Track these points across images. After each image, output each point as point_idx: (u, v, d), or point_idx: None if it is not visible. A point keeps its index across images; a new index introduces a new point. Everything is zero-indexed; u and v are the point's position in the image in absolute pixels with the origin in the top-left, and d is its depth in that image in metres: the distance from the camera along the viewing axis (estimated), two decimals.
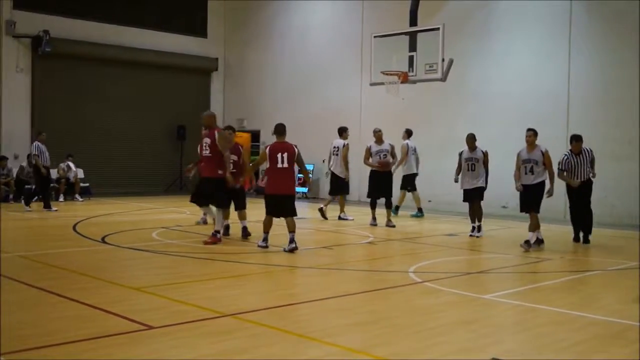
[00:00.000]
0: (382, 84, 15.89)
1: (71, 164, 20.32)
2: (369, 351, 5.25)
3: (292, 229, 10.33)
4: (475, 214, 12.78)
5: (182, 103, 24.99)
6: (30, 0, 21.63)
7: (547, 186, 11.32)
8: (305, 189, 22.31)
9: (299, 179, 17.05)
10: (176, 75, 24.96)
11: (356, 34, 20.95)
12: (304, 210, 18.04)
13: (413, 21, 16.38)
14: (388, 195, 14.36)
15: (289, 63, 23.56)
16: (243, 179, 11.92)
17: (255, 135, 25.48)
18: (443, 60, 14.67)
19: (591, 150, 12.10)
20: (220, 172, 10.92)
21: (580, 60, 16.35)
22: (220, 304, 6.69)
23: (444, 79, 14.87)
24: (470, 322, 6.30)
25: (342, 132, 15.80)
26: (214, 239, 10.90)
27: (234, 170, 11.25)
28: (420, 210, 16.62)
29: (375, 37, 16.32)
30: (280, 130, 10.53)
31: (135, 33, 23.73)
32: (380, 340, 5.60)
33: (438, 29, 14.79)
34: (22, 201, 17.21)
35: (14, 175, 19.55)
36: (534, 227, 11.16)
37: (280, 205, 10.38)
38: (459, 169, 12.98)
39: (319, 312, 6.76)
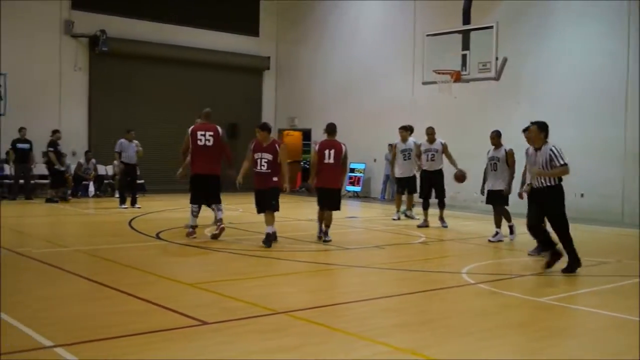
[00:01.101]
0: (435, 82, 15.76)
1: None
2: (419, 352, 5.21)
3: (327, 223, 11.18)
4: (495, 218, 11.98)
5: (235, 101, 25.21)
6: (88, 1, 22.11)
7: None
8: (358, 189, 22.31)
9: (350, 177, 17.05)
10: (228, 74, 25.19)
11: (408, 33, 20.82)
12: (355, 209, 18.04)
13: (466, 19, 16.21)
14: (441, 195, 14.20)
15: (340, 62, 23.56)
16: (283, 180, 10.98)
17: (306, 134, 25.58)
18: (497, 58, 14.47)
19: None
20: (275, 179, 10.64)
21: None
22: (272, 302, 6.73)
23: (497, 77, 14.67)
24: (525, 325, 6.20)
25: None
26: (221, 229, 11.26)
27: (269, 171, 10.63)
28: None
29: (427, 35, 16.20)
30: (330, 129, 11.45)
31: (189, 32, 24.04)
32: (431, 341, 5.56)
33: (492, 27, 14.59)
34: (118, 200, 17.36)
35: (72, 171, 20.01)
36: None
37: (326, 198, 11.21)
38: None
39: (370, 311, 6.74)
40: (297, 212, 16.70)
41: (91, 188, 20.30)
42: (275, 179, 10.60)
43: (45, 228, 13.73)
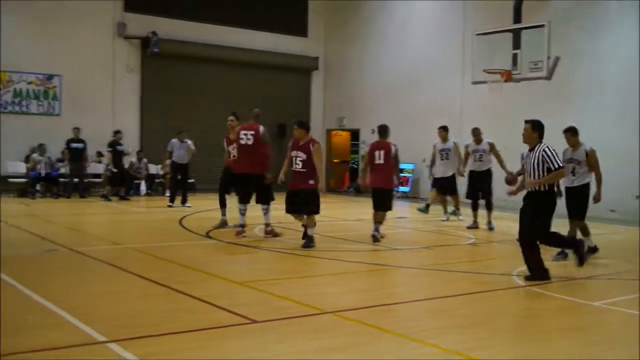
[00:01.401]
0: (485, 82, 15.61)
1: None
2: (468, 354, 5.17)
3: (377, 220, 11.29)
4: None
5: (283, 102, 25.34)
6: (140, 3, 22.50)
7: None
8: (407, 189, 22.21)
9: (400, 178, 16.93)
10: (277, 75, 25.33)
11: (457, 32, 20.63)
12: (404, 209, 17.95)
13: (517, 18, 16.02)
14: (488, 196, 13.99)
15: (389, 61, 23.47)
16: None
17: (354, 134, 25.57)
18: (549, 58, 14.25)
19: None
20: (311, 182, 10.49)
21: None
22: (321, 301, 6.75)
23: (549, 77, 14.45)
24: (577, 329, 6.09)
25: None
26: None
27: (304, 170, 10.42)
28: (428, 206, 16.48)
29: (477, 35, 16.04)
30: (381, 130, 11.55)
31: (239, 33, 24.25)
32: (481, 344, 5.51)
33: (543, 25, 14.38)
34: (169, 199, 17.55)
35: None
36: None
37: (377, 198, 11.36)
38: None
39: (419, 312, 6.72)
40: (346, 212, 16.73)
41: (143, 187, 20.66)
42: (311, 181, 10.42)
43: (99, 226, 14.03)
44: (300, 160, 10.45)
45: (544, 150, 8.14)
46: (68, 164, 19.31)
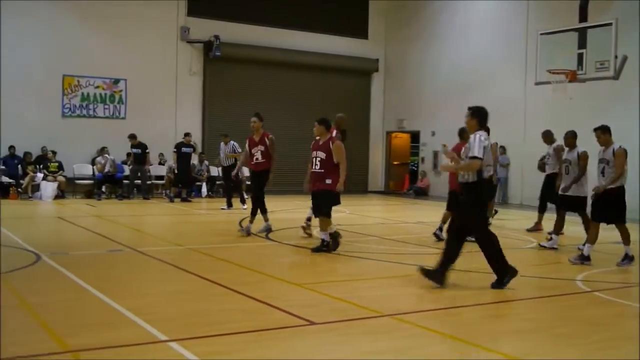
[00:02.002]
0: (549, 83, 15.30)
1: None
2: None
3: (444, 220, 11.29)
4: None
5: (343, 104, 25.31)
6: (203, 7, 22.87)
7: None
8: None
9: None
10: (337, 77, 25.36)
11: (520, 32, 20.27)
12: None
13: (583, 17, 15.65)
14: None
15: (450, 62, 23.23)
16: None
17: (414, 136, 25.41)
18: (616, 57, 13.87)
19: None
20: (328, 182, 9.95)
21: None
22: (379, 304, 6.72)
23: (616, 77, 14.06)
24: None
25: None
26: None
27: (322, 171, 9.99)
28: None
29: (541, 34, 15.74)
30: (459, 133, 12.03)
31: (299, 36, 24.39)
32: (543, 350, 5.40)
33: (611, 24, 14.01)
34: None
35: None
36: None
37: (450, 200, 11.32)
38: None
39: (479, 316, 6.62)
40: (405, 215, 16.62)
41: (204, 189, 20.97)
42: (328, 181, 9.85)
43: (161, 227, 14.30)
44: (319, 161, 10.08)
45: (473, 137, 7.68)
46: (132, 166, 19.75)
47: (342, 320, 6.08)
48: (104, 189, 19.62)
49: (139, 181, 19.70)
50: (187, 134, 19.42)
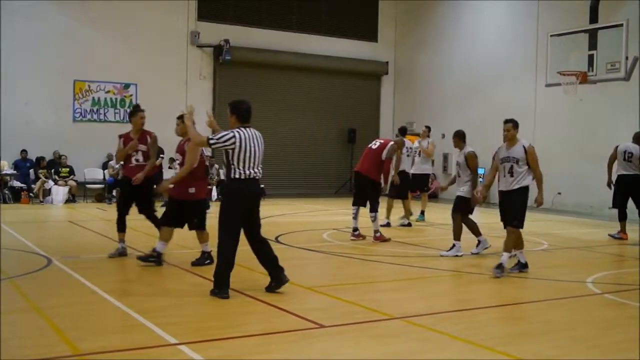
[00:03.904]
0: (559, 84, 15.24)
1: None
2: None
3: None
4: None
5: (353, 107, 25.39)
6: (213, 12, 22.95)
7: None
8: None
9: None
10: (347, 80, 25.37)
11: (530, 33, 20.21)
12: (475, 214, 17.64)
13: (593, 18, 15.59)
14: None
15: (460, 65, 23.18)
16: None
17: None
18: (627, 58, 13.81)
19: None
20: (191, 190, 8.98)
21: None
22: (389, 307, 6.72)
23: (627, 78, 14.00)
24: None
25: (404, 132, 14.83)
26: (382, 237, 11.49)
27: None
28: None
29: (551, 36, 15.69)
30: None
31: (309, 39, 24.42)
32: (554, 353, 5.38)
33: (622, 25, 13.95)
34: None
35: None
36: (511, 245, 8.79)
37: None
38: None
39: (490, 319, 6.60)
40: (415, 217, 16.55)
41: (214, 192, 21.01)
42: (191, 189, 8.87)
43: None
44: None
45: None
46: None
47: (352, 323, 6.08)
48: (114, 192, 19.67)
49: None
50: None
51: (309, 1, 24.78)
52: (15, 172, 19.09)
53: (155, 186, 9.86)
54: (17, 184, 18.91)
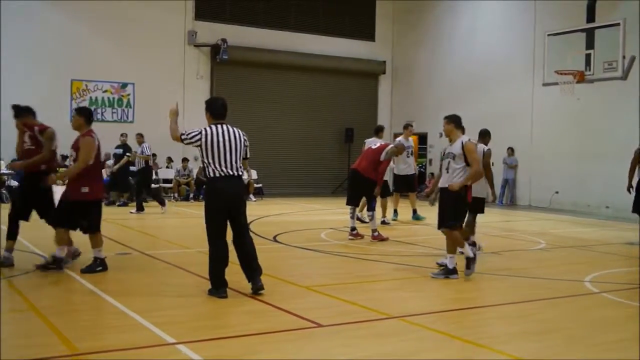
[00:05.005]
0: (556, 84, 15.26)
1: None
2: None
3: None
4: None
5: (350, 106, 25.41)
6: (210, 11, 22.94)
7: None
8: None
9: None
10: (344, 79, 25.41)
11: (528, 32, 20.23)
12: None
13: (590, 17, 15.62)
14: None
15: (457, 64, 23.20)
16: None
17: (422, 138, 25.36)
18: (624, 57, 13.83)
19: None
20: (84, 189, 8.20)
21: None
22: (387, 306, 6.72)
23: (624, 77, 14.02)
24: None
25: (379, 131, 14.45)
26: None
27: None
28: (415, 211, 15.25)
29: (549, 35, 15.70)
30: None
31: (306, 39, 24.44)
32: (551, 352, 5.38)
33: (619, 24, 13.97)
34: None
35: (195, 175, 20.78)
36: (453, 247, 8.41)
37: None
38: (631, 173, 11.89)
39: (488, 318, 6.61)
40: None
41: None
42: (84, 189, 8.14)
43: (168, 230, 14.31)
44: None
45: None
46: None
47: (349, 323, 6.08)
48: (110, 193, 19.59)
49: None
50: (122, 134, 18.58)
51: (306, 1, 24.82)
52: (12, 171, 19.02)
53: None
54: (14, 183, 18.86)
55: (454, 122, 8.59)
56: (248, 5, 23.67)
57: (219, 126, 7.10)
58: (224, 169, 6.95)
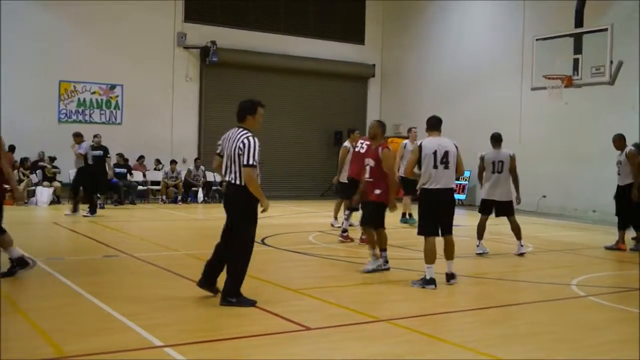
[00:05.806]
0: (544, 88, 15.33)
1: None
2: None
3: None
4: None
5: (340, 109, 25.42)
6: (200, 13, 22.91)
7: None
8: (463, 196, 21.92)
9: (455, 185, 16.68)
10: (334, 82, 25.42)
11: (516, 36, 20.32)
12: (461, 218, 17.72)
13: (579, 22, 15.69)
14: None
15: (446, 68, 23.27)
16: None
17: None
18: (611, 62, 13.91)
19: None
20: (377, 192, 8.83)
21: None
22: (375, 309, 6.74)
23: (612, 82, 14.09)
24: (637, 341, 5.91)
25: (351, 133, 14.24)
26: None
27: (371, 180, 8.97)
28: (410, 215, 15.14)
29: (537, 39, 15.78)
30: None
31: (296, 41, 24.44)
32: (538, 355, 5.41)
33: (606, 29, 14.05)
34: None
35: (183, 178, 20.72)
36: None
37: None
38: None
39: (475, 321, 6.63)
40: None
41: (200, 194, 20.96)
42: (377, 191, 8.83)
43: (156, 232, 14.25)
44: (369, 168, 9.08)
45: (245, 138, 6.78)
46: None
47: (337, 326, 6.08)
48: (98, 195, 19.48)
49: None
50: (95, 135, 18.06)
51: (296, 3, 24.82)
52: None
53: None
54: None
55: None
56: (238, 8, 23.65)
57: (232, 130, 7.07)
58: (224, 174, 6.94)
